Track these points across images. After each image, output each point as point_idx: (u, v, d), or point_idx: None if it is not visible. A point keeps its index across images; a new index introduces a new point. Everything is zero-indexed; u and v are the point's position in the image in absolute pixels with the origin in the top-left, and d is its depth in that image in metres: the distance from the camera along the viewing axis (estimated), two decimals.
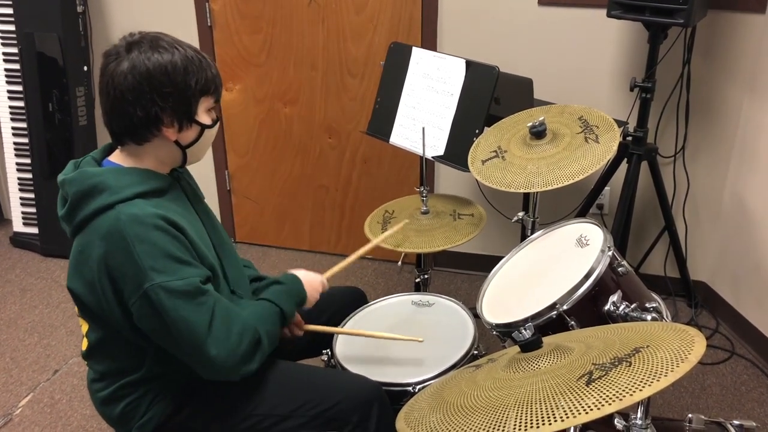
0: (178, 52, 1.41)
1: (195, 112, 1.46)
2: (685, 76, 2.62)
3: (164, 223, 1.37)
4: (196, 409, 1.54)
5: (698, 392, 2.43)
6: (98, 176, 1.40)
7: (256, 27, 3.06)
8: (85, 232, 1.40)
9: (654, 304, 1.58)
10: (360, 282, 3.15)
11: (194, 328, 1.36)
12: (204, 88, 1.45)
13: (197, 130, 1.49)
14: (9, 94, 3.26)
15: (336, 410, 1.54)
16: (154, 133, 1.43)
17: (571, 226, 1.77)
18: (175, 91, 1.41)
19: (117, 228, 1.35)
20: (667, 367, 0.98)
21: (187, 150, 1.50)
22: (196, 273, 1.40)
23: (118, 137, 1.46)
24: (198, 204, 1.61)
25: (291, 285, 1.62)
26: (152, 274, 1.34)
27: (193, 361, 1.41)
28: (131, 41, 1.41)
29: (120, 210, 1.36)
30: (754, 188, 2.58)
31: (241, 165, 3.34)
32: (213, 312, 1.39)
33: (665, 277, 2.94)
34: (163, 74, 1.39)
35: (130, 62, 1.38)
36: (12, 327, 2.86)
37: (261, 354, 1.46)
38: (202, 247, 1.46)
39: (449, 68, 2.25)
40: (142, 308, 1.36)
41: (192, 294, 1.37)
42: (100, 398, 1.54)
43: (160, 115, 1.41)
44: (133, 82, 1.37)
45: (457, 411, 1.11)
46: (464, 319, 1.88)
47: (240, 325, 1.42)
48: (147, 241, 1.34)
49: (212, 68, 1.47)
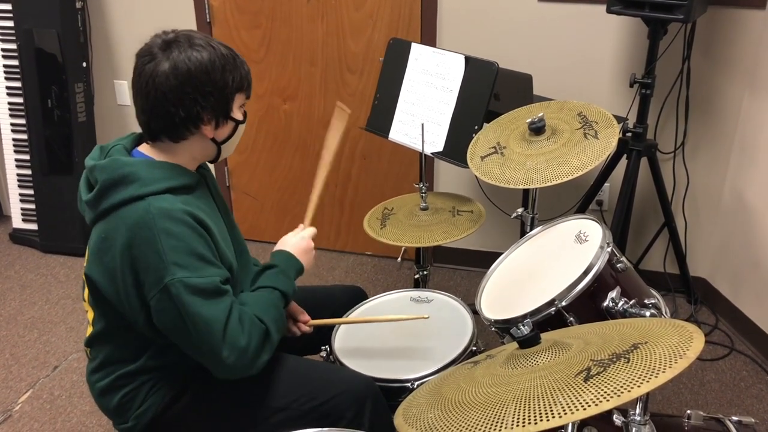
0: (214, 50, 1.42)
1: (231, 109, 1.48)
2: (685, 72, 2.62)
3: (192, 220, 1.38)
4: (192, 400, 1.55)
5: (697, 388, 2.44)
6: (130, 166, 1.40)
7: (255, 23, 3.05)
8: (109, 219, 1.40)
9: (653, 300, 1.58)
10: (359, 278, 3.15)
11: (211, 326, 1.36)
12: (239, 85, 1.47)
13: (232, 126, 1.51)
14: (8, 91, 3.26)
15: (330, 405, 1.54)
16: (193, 132, 1.45)
17: (570, 222, 1.77)
18: (215, 90, 1.42)
19: (145, 220, 1.35)
20: (665, 364, 0.98)
21: (221, 146, 1.52)
22: (218, 273, 1.40)
23: (155, 134, 1.46)
24: (221, 203, 1.62)
25: (284, 264, 1.62)
26: (174, 269, 1.34)
27: (205, 359, 1.41)
28: (167, 39, 1.41)
29: (150, 202, 1.37)
30: (754, 184, 2.58)
31: (240, 161, 3.33)
32: (230, 313, 1.39)
33: (665, 273, 2.94)
34: (204, 73, 1.39)
35: (170, 62, 1.38)
36: (11, 323, 2.86)
37: (270, 345, 1.47)
38: (223, 246, 1.48)
39: (448, 64, 2.25)
40: (161, 302, 1.36)
41: (211, 293, 1.37)
42: (99, 389, 1.54)
43: (201, 114, 1.42)
44: (175, 83, 1.38)
45: (456, 407, 1.11)
46: (463, 316, 1.88)
47: (247, 323, 1.42)
48: (173, 236, 1.35)
49: (245, 65, 1.49)
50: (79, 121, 3.22)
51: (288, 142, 3.24)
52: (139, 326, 1.43)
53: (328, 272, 3.18)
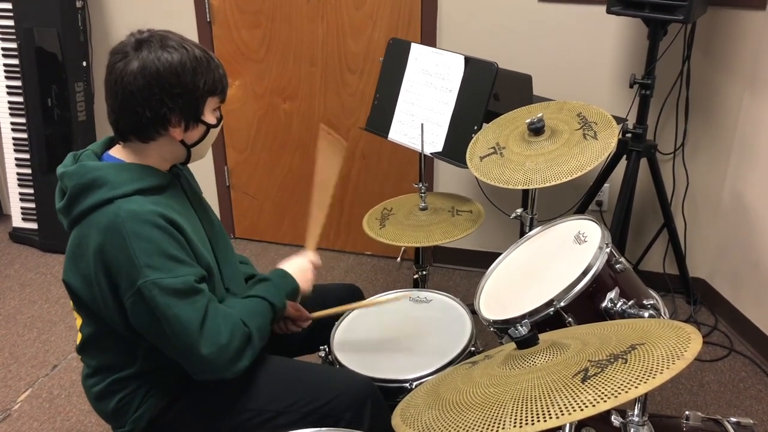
0: (187, 52, 1.40)
1: (202, 112, 1.46)
2: (685, 72, 2.62)
3: (162, 220, 1.37)
4: (189, 404, 1.55)
5: (696, 389, 2.44)
6: (98, 170, 1.40)
7: (255, 22, 3.05)
8: (82, 225, 1.40)
9: (651, 301, 1.58)
10: (359, 278, 3.15)
11: (186, 326, 1.36)
12: (212, 88, 1.45)
13: (203, 129, 1.49)
14: (8, 90, 3.26)
15: (330, 407, 1.53)
16: (161, 133, 1.43)
17: (569, 223, 1.77)
18: (184, 92, 1.40)
19: (115, 223, 1.34)
20: (663, 364, 0.98)
21: (191, 149, 1.51)
22: (191, 272, 1.40)
23: (123, 134, 1.45)
24: (196, 201, 1.61)
25: (278, 279, 1.62)
26: (147, 271, 1.33)
27: (184, 359, 1.41)
28: (140, 39, 1.40)
29: (119, 205, 1.36)
30: (754, 185, 2.58)
31: (240, 161, 3.33)
32: (206, 311, 1.39)
33: (664, 274, 2.94)
34: (173, 75, 1.38)
35: (140, 62, 1.37)
36: (11, 322, 2.86)
37: (252, 350, 1.46)
38: (198, 245, 1.46)
39: (448, 64, 2.25)
40: (136, 304, 1.36)
41: (186, 292, 1.37)
42: (94, 393, 1.54)
43: (168, 115, 1.41)
44: (143, 83, 1.37)
45: (453, 407, 1.11)
46: (462, 316, 1.88)
47: (230, 323, 1.42)
48: (144, 238, 1.34)
49: (220, 68, 1.47)
50: (79, 120, 3.22)
51: (288, 142, 3.24)
52: (121, 329, 1.43)
53: (327, 272, 3.18)
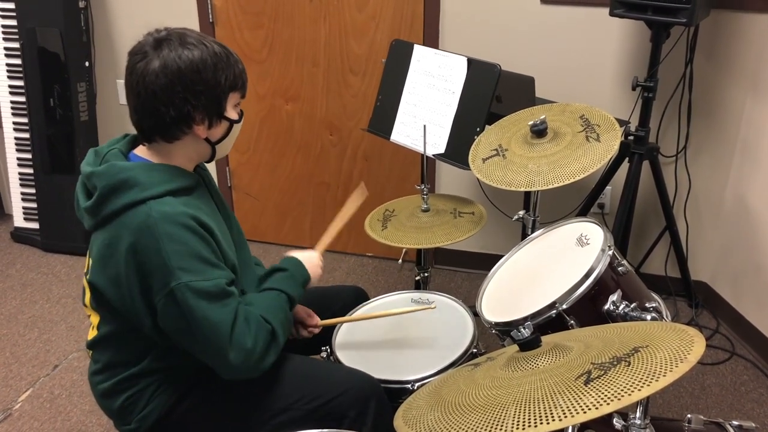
0: (206, 49, 1.40)
1: (224, 108, 1.46)
2: (688, 75, 2.62)
3: (194, 223, 1.37)
4: (195, 403, 1.55)
5: (698, 392, 2.43)
6: (128, 171, 1.40)
7: (257, 23, 3.06)
8: (111, 226, 1.39)
9: (654, 303, 1.58)
10: (360, 279, 3.15)
11: (218, 329, 1.36)
12: (233, 84, 1.45)
13: (226, 125, 1.49)
14: (10, 89, 3.26)
15: (333, 405, 1.54)
16: (185, 131, 1.43)
17: (572, 225, 1.77)
18: (207, 88, 1.40)
19: (148, 224, 1.34)
20: (666, 367, 0.98)
21: (216, 146, 1.51)
22: (223, 275, 1.40)
23: (148, 135, 1.45)
24: (220, 202, 1.62)
25: (294, 269, 1.63)
26: (179, 273, 1.34)
27: (212, 362, 1.41)
28: (159, 38, 1.40)
29: (151, 206, 1.36)
30: (756, 188, 2.58)
31: (242, 162, 3.34)
32: (236, 314, 1.39)
33: (666, 276, 2.93)
34: (194, 72, 1.38)
35: (161, 61, 1.36)
36: (12, 322, 2.86)
37: (276, 347, 1.47)
38: (225, 247, 1.47)
39: (451, 66, 2.25)
40: (167, 306, 1.36)
41: (217, 295, 1.37)
42: (101, 391, 1.54)
43: (192, 113, 1.41)
44: (165, 82, 1.36)
45: (456, 409, 1.11)
46: (464, 318, 1.88)
47: (254, 324, 1.42)
48: (177, 240, 1.34)
49: (239, 63, 1.47)
50: (81, 120, 3.22)
51: (290, 143, 3.24)
52: (146, 330, 1.43)
53: (328, 273, 3.18)
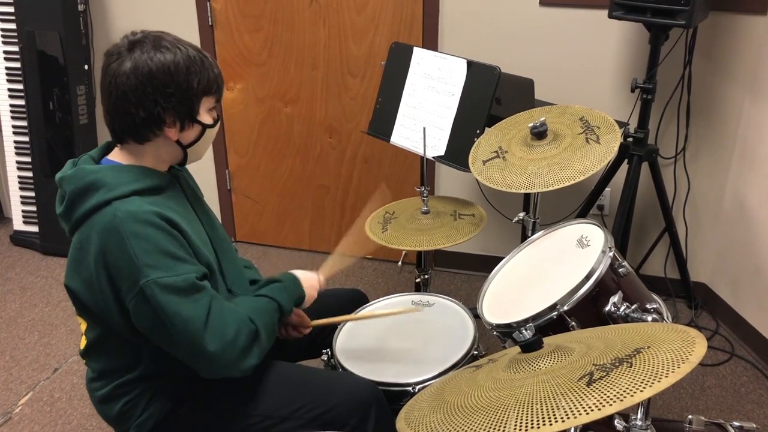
0: (180, 52, 1.40)
1: (197, 111, 1.46)
2: (686, 77, 2.62)
3: (160, 219, 1.37)
4: (194, 409, 1.54)
5: (698, 393, 2.43)
6: (95, 173, 1.40)
7: (257, 26, 3.06)
8: (82, 229, 1.40)
9: (654, 305, 1.58)
10: (360, 282, 3.15)
11: (190, 324, 1.35)
12: (206, 88, 1.45)
13: (198, 129, 1.49)
14: (10, 93, 3.26)
15: (334, 413, 1.53)
16: (156, 133, 1.43)
17: (572, 227, 1.77)
18: (178, 91, 1.40)
19: (113, 224, 1.34)
20: (668, 368, 0.98)
21: (188, 149, 1.50)
22: (192, 269, 1.39)
23: (119, 136, 1.46)
24: (196, 203, 1.61)
25: (288, 283, 1.62)
26: (147, 270, 1.33)
27: (191, 358, 1.40)
28: (133, 40, 1.40)
29: (116, 207, 1.36)
30: (755, 189, 2.58)
31: (241, 164, 3.34)
32: (209, 308, 1.38)
33: (665, 278, 2.94)
34: (165, 74, 1.38)
35: (132, 62, 1.37)
36: (12, 325, 2.86)
37: (259, 348, 1.45)
38: (198, 244, 1.46)
39: (450, 68, 2.25)
40: (138, 305, 1.36)
41: (187, 290, 1.36)
42: (98, 397, 1.54)
43: (162, 115, 1.41)
44: (135, 83, 1.37)
45: (458, 411, 1.11)
46: (464, 320, 1.88)
47: (236, 319, 1.41)
48: (142, 237, 1.34)
49: (214, 68, 1.47)
50: (81, 124, 3.23)
51: (289, 146, 3.24)
52: (124, 332, 1.43)
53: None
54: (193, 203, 1.59)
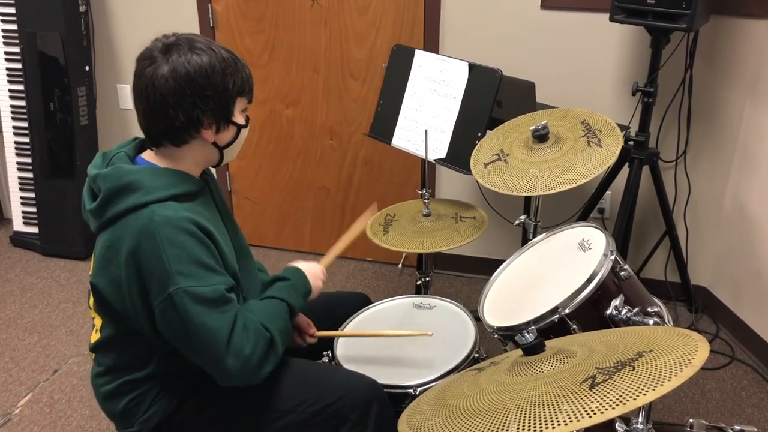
0: (215, 54, 1.41)
1: (232, 113, 1.47)
2: (687, 80, 2.62)
3: (195, 228, 1.38)
4: (197, 406, 1.54)
5: (698, 397, 2.43)
6: (133, 174, 1.40)
7: (258, 28, 3.06)
8: (114, 228, 1.40)
9: (656, 308, 1.58)
10: (360, 284, 3.15)
11: (215, 335, 1.36)
12: (240, 89, 1.46)
13: (234, 130, 1.50)
14: (10, 93, 3.26)
15: (335, 407, 1.54)
16: (194, 135, 1.44)
17: (574, 230, 1.77)
18: (215, 93, 1.41)
19: (149, 228, 1.35)
20: (670, 372, 0.98)
21: (224, 150, 1.51)
22: (222, 281, 1.40)
23: (156, 140, 1.46)
24: (224, 210, 1.62)
25: (296, 280, 1.62)
26: (179, 278, 1.34)
27: (210, 368, 1.41)
28: (167, 43, 1.41)
29: (154, 210, 1.36)
30: (755, 193, 2.59)
31: (242, 166, 3.34)
32: (234, 321, 1.39)
33: (666, 281, 2.94)
34: (203, 77, 1.39)
35: (170, 65, 1.38)
36: (12, 326, 2.85)
37: (275, 355, 1.47)
38: (227, 253, 1.47)
39: (452, 71, 2.25)
40: (166, 311, 1.36)
41: (216, 302, 1.37)
42: (103, 393, 1.54)
43: (200, 117, 1.42)
44: (174, 86, 1.38)
45: (460, 414, 1.11)
46: (465, 322, 1.88)
47: (253, 331, 1.42)
48: (177, 244, 1.35)
49: (246, 68, 1.48)
50: (82, 125, 3.22)
51: (290, 148, 3.24)
52: (146, 333, 1.43)
53: (329, 278, 3.14)
54: (221, 210, 1.60)
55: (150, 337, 1.44)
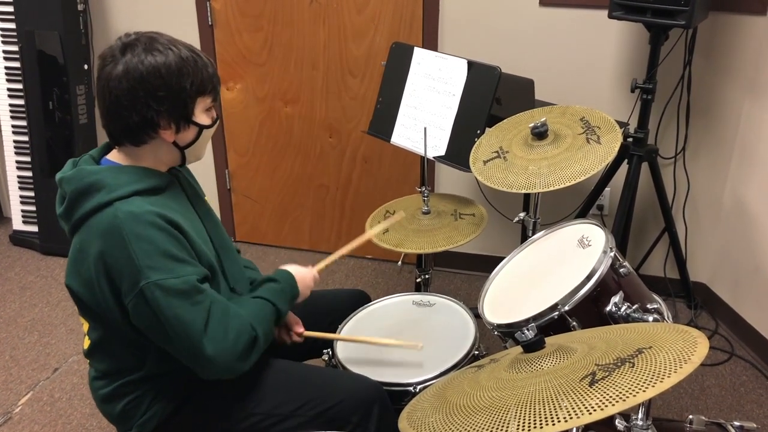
0: (172, 53, 1.39)
1: (192, 113, 1.45)
2: (686, 77, 2.62)
3: (161, 220, 1.37)
4: (196, 408, 1.54)
5: (697, 393, 2.44)
6: (96, 174, 1.40)
7: (257, 26, 3.06)
8: (83, 229, 1.40)
9: (655, 305, 1.58)
10: (360, 282, 3.15)
11: (190, 326, 1.35)
12: (200, 88, 1.44)
13: (195, 130, 1.48)
14: (9, 92, 3.26)
15: (336, 410, 1.54)
16: (152, 136, 1.43)
17: (573, 227, 1.77)
18: (170, 93, 1.40)
19: (114, 225, 1.34)
20: (670, 368, 0.98)
21: (185, 150, 1.50)
22: (193, 271, 1.39)
23: (116, 138, 1.46)
24: (198, 202, 1.61)
25: (285, 283, 1.62)
26: (148, 272, 1.33)
27: (189, 359, 1.40)
28: (126, 42, 1.40)
29: (117, 207, 1.36)
30: (754, 190, 2.59)
31: (241, 164, 3.34)
32: (209, 311, 1.38)
33: (665, 278, 2.94)
34: (156, 77, 1.37)
35: (124, 65, 1.37)
36: (12, 325, 2.86)
37: (257, 352, 1.46)
38: (200, 245, 1.46)
39: (451, 68, 2.25)
40: (138, 306, 1.35)
41: (188, 293, 1.36)
42: (101, 396, 1.54)
43: (156, 118, 1.40)
44: (127, 87, 1.37)
45: (460, 411, 1.11)
46: (465, 320, 1.88)
47: (238, 323, 1.42)
48: (144, 238, 1.34)
49: (208, 67, 1.45)
50: (80, 123, 3.22)
51: (289, 146, 3.24)
52: (126, 332, 1.43)
53: (328, 275, 3.18)
54: (193, 202, 1.58)
55: (133, 337, 1.43)
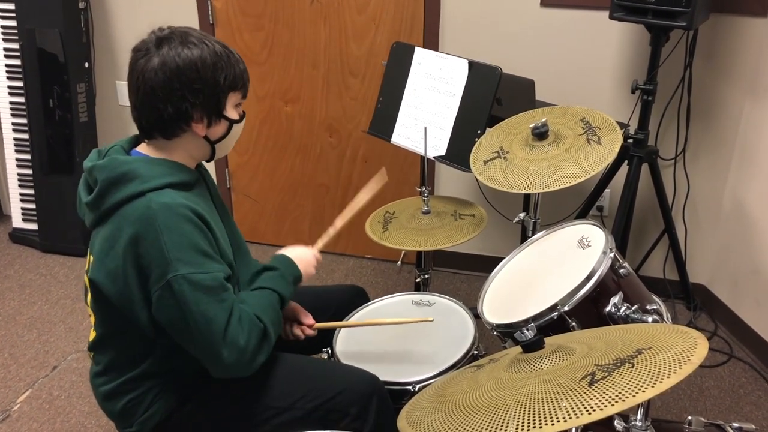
0: (207, 48, 1.41)
1: (224, 107, 1.47)
2: (687, 78, 2.63)
3: (193, 215, 1.38)
4: (196, 405, 1.54)
5: (696, 395, 2.44)
6: (129, 164, 1.41)
7: (257, 25, 3.06)
8: (111, 220, 1.40)
9: (655, 306, 1.59)
10: (359, 281, 3.15)
11: (212, 324, 1.36)
12: (232, 83, 1.46)
13: (226, 125, 1.50)
14: (9, 90, 3.25)
15: (334, 402, 1.54)
16: (184, 129, 1.44)
17: (573, 228, 1.77)
18: (205, 87, 1.41)
19: (147, 215, 1.35)
20: (669, 369, 0.98)
21: (215, 145, 1.51)
22: (220, 269, 1.40)
23: (147, 132, 1.46)
24: (219, 202, 1.62)
25: (284, 268, 1.61)
26: (177, 265, 1.33)
27: (204, 357, 1.40)
28: (161, 36, 1.41)
29: (151, 198, 1.36)
30: (754, 192, 2.59)
31: (241, 163, 3.34)
32: (231, 311, 1.39)
33: (664, 279, 2.94)
34: (193, 71, 1.39)
35: (160, 58, 1.38)
36: (11, 323, 2.86)
37: (268, 346, 1.46)
38: (223, 244, 1.47)
39: (452, 68, 2.25)
40: (163, 298, 1.35)
41: (214, 289, 1.37)
42: (103, 393, 1.54)
43: (190, 111, 1.42)
44: (163, 79, 1.38)
45: (459, 410, 1.11)
46: (464, 319, 1.88)
47: (247, 322, 1.42)
48: (176, 231, 1.35)
49: (240, 63, 1.48)
50: (81, 121, 3.22)
51: (289, 145, 3.24)
52: (142, 324, 1.42)
53: (327, 275, 3.18)
54: (215, 202, 1.60)
55: (147, 330, 1.43)
